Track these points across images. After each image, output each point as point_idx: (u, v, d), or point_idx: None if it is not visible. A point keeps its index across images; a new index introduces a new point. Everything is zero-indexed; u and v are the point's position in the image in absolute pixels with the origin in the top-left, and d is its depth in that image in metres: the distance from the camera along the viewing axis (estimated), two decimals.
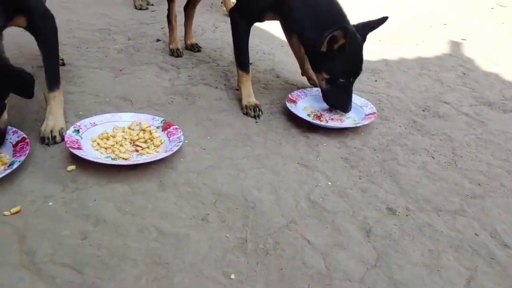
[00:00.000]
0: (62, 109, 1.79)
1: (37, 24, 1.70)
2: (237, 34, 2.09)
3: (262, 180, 1.60)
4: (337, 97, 1.99)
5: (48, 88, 1.75)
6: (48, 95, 1.75)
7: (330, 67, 1.91)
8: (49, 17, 1.74)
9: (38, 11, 1.70)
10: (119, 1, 3.72)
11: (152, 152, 1.67)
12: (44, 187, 1.46)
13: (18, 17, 1.63)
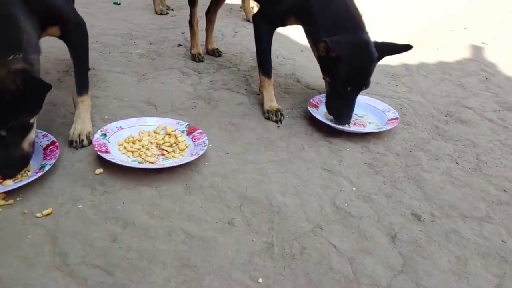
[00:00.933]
0: (89, 113, 1.83)
1: (70, 33, 1.75)
2: (260, 39, 2.11)
3: (286, 184, 1.61)
4: (337, 105, 1.94)
5: (77, 93, 1.79)
6: (76, 99, 1.79)
7: (331, 72, 1.90)
8: (81, 25, 1.79)
9: (71, 20, 1.74)
10: (140, 6, 3.80)
11: (178, 156, 1.70)
12: (74, 189, 1.49)
13: (52, 27, 1.67)
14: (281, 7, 2.00)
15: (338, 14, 1.87)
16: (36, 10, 1.54)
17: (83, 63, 1.82)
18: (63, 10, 1.71)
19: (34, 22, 1.55)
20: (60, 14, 1.69)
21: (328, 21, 1.87)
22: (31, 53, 1.49)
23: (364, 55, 1.84)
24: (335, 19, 1.86)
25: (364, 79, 1.89)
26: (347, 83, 1.86)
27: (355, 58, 1.82)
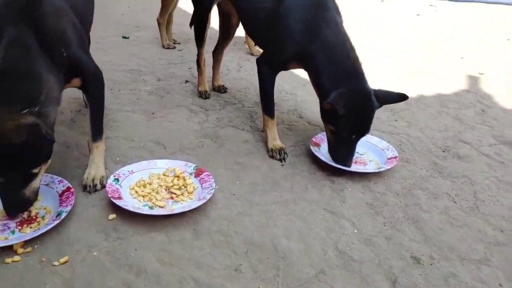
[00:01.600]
0: (103, 158, 1.91)
1: (89, 84, 1.85)
2: (263, 82, 2.21)
3: (290, 228, 1.68)
4: (339, 150, 2.02)
5: (92, 139, 1.87)
6: (91, 145, 1.88)
7: (334, 121, 1.96)
8: (99, 76, 1.89)
9: (91, 72, 1.84)
10: (148, 40, 3.93)
11: (186, 200, 1.78)
12: (88, 236, 1.57)
13: (75, 79, 1.78)
14: (284, 53, 2.11)
15: (340, 62, 1.96)
16: (60, 64, 1.66)
17: (99, 111, 1.92)
18: (86, 63, 1.81)
19: (58, 75, 1.66)
20: (83, 67, 1.79)
21: (330, 68, 1.96)
22: (48, 106, 1.58)
23: (366, 107, 1.94)
24: (337, 67, 1.95)
25: (366, 128, 2.00)
26: (350, 132, 1.96)
27: (358, 111, 1.92)
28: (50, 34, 1.64)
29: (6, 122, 1.43)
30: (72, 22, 1.76)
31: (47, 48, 1.60)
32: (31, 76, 1.55)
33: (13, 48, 1.55)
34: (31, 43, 1.57)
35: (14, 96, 1.50)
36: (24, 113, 1.48)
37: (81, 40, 1.82)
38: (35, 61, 1.57)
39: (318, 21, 1.99)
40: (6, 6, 1.61)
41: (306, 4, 2.02)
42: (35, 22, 1.59)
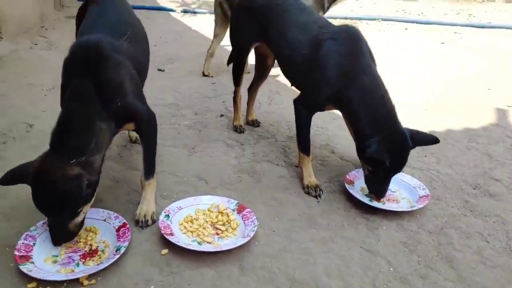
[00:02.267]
0: (154, 194, 2.07)
1: (143, 128, 2.02)
2: (300, 122, 2.34)
3: (330, 265, 1.78)
4: (376, 185, 2.16)
5: (145, 177, 2.02)
6: (144, 182, 2.03)
7: (373, 164, 2.09)
8: (152, 120, 2.05)
9: (144, 118, 2.00)
10: (182, 73, 4.15)
11: (230, 236, 1.91)
12: (144, 270, 1.71)
13: (129, 124, 1.96)
14: (320, 97, 2.25)
15: (376, 107, 2.10)
16: (116, 112, 1.83)
17: (152, 151, 2.07)
18: (140, 110, 1.96)
19: (111, 123, 1.82)
20: (137, 113, 1.95)
21: (367, 113, 2.10)
22: (96, 154, 1.73)
23: (403, 149, 2.08)
24: (374, 112, 2.10)
25: (401, 167, 2.14)
26: (387, 172, 2.10)
27: (396, 154, 2.05)
28: (109, 86, 1.81)
29: (55, 170, 1.62)
30: (130, 73, 1.94)
31: (105, 99, 1.77)
32: (85, 127, 1.72)
33: (74, 100, 1.76)
34: (90, 95, 1.74)
35: (66, 146, 1.67)
36: (72, 162, 1.64)
37: (137, 88, 1.99)
38: (91, 112, 1.74)
39: (354, 67, 2.14)
40: (75, 59, 1.83)
41: (342, 51, 2.17)
42: (97, 75, 1.77)
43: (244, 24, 2.68)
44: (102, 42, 1.84)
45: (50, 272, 1.65)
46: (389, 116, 2.09)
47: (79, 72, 1.78)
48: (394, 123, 2.09)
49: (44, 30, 5.78)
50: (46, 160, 1.66)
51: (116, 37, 1.98)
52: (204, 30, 5.94)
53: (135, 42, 2.12)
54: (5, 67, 4.17)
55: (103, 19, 2.11)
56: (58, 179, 1.60)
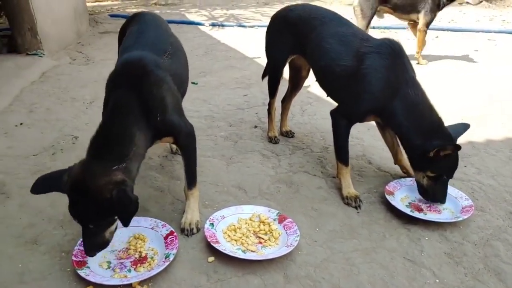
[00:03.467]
0: (197, 203, 2.13)
1: (182, 141, 2.08)
2: (339, 133, 2.37)
3: (374, 275, 1.79)
4: (437, 192, 2.19)
5: (188, 187, 2.10)
6: (187, 192, 2.11)
7: (437, 167, 2.14)
8: (191, 133, 2.10)
9: (183, 131, 2.04)
10: (214, 85, 4.25)
11: (273, 244, 1.95)
12: (192, 277, 1.77)
13: (167, 137, 2.02)
14: (363, 109, 2.27)
15: (425, 118, 2.15)
16: (155, 126, 1.87)
17: (192, 162, 2.13)
18: (178, 125, 2.01)
19: (149, 135, 1.87)
20: (175, 128, 2.00)
21: (414, 122, 2.15)
22: (134, 162, 1.78)
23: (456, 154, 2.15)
24: (421, 121, 2.15)
25: (455, 169, 2.21)
26: (448, 173, 2.20)
27: (453, 159, 2.15)
28: (150, 101, 1.86)
29: (99, 176, 1.62)
30: (170, 89, 1.99)
31: (146, 112, 1.82)
32: (125, 136, 1.76)
33: (116, 110, 1.81)
34: (132, 106, 1.80)
35: (108, 153, 1.70)
36: (114, 169, 1.66)
37: (176, 104, 2.05)
38: (132, 122, 1.79)
39: (398, 80, 2.17)
40: (119, 74, 1.91)
41: (386, 64, 2.20)
42: (140, 89, 1.83)
43: (280, 37, 2.73)
44: (145, 59, 1.92)
45: (105, 277, 1.73)
46: (438, 125, 2.15)
47: (123, 86, 1.85)
48: (443, 130, 2.14)
49: (80, 46, 6.05)
50: (87, 167, 1.66)
51: (158, 54, 2.04)
52: (233, 43, 6.08)
53: (175, 59, 2.18)
54: (48, 82, 4.39)
55: (144, 37, 2.18)
56: (104, 185, 1.59)
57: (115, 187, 1.59)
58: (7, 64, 4.57)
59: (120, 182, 1.62)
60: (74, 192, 1.63)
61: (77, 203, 1.63)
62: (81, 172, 1.64)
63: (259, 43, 4.25)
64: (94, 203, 1.60)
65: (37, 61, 4.85)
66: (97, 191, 1.59)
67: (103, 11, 8.57)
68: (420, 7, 4.82)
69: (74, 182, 1.63)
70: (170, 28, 2.52)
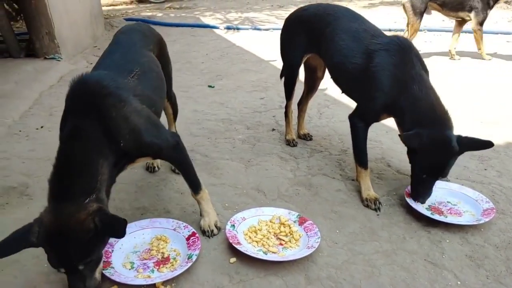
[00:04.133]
0: (210, 203, 2.14)
1: (166, 155, 1.98)
2: (357, 136, 2.38)
3: (395, 277, 1.79)
4: (418, 188, 2.19)
5: (193, 193, 2.08)
6: (195, 198, 2.10)
7: (414, 162, 2.19)
8: (175, 145, 1.95)
9: (163, 146, 1.90)
10: (231, 88, 4.29)
11: (294, 246, 1.96)
12: (215, 277, 1.79)
13: (142, 158, 1.91)
14: (375, 106, 2.28)
15: (425, 111, 2.13)
16: (121, 150, 1.72)
17: (188, 170, 2.06)
18: (153, 143, 1.85)
19: (116, 160, 1.73)
20: (150, 148, 1.86)
21: (415, 116, 2.14)
22: (103, 191, 1.65)
23: (441, 149, 2.08)
24: (422, 115, 2.12)
25: (439, 171, 2.13)
26: (423, 171, 2.14)
27: (430, 151, 2.07)
28: (111, 125, 1.69)
29: (76, 215, 1.52)
30: (136, 110, 1.81)
31: (107, 137, 1.67)
32: (88, 168, 1.61)
33: (73, 139, 1.63)
34: (91, 133, 1.64)
35: (74, 190, 1.56)
36: (86, 203, 1.55)
37: (148, 122, 1.86)
38: (92, 151, 1.63)
39: (406, 77, 2.18)
40: (77, 94, 1.71)
41: (394, 61, 2.21)
42: (98, 113, 1.67)
43: (295, 37, 2.74)
44: (103, 80, 1.76)
45: (129, 277, 1.76)
46: (435, 121, 2.10)
47: (79, 110, 1.68)
48: (440, 125, 2.10)
49: (96, 50, 6.15)
50: (59, 212, 1.53)
51: (122, 75, 1.90)
52: (248, 46, 6.13)
53: (144, 79, 2.00)
54: (66, 86, 4.43)
55: (111, 57, 2.08)
56: (85, 219, 1.51)
57: (95, 216, 1.53)
58: (26, 68, 4.68)
59: (98, 210, 1.56)
60: (56, 239, 1.52)
61: (61, 250, 1.53)
62: (55, 218, 1.53)
63: (274, 46, 4.27)
64: (81, 240, 1.52)
65: (55, 65, 4.95)
66: (80, 227, 1.51)
67: (118, 15, 8.71)
68: (468, 6, 4.97)
69: (53, 230, 1.52)
70: (150, 46, 2.32)
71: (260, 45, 6.11)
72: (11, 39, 5.02)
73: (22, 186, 2.50)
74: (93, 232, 1.52)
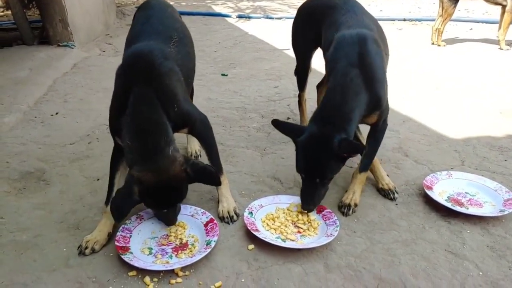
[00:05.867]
0: (229, 190, 2.15)
1: (199, 130, 2.09)
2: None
3: (416, 267, 1.77)
4: (301, 190, 2.05)
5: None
6: None
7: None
8: (205, 121, 2.11)
9: (198, 120, 2.05)
10: (245, 77, 4.26)
11: (312, 234, 1.95)
12: (233, 264, 1.79)
13: (183, 129, 2.01)
14: None
15: (323, 106, 2.01)
16: (174, 117, 1.87)
17: (214, 151, 2.14)
18: (192, 113, 2.03)
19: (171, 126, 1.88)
20: (190, 118, 2.01)
21: (316, 111, 2.04)
22: (174, 145, 1.83)
23: (314, 147, 1.95)
24: (319, 111, 2.02)
25: (313, 170, 1.98)
26: (298, 168, 2.03)
27: (304, 148, 1.98)
28: (166, 94, 1.85)
29: (172, 168, 1.77)
30: (180, 80, 1.98)
31: (164, 106, 1.82)
32: (160, 124, 1.79)
33: (141, 104, 1.79)
34: (155, 101, 1.80)
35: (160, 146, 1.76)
36: (170, 155, 1.77)
37: (185, 93, 2.04)
38: (159, 111, 1.80)
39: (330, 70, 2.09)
40: (132, 67, 1.86)
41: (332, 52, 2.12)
42: (154, 83, 1.82)
43: (305, 27, 2.69)
44: (153, 51, 1.90)
45: (148, 262, 1.76)
46: (324, 118, 1.96)
47: (137, 81, 1.81)
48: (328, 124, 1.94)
49: (109, 38, 6.15)
50: (151, 167, 1.74)
51: (164, 42, 2.02)
52: (261, 35, 6.08)
53: (181, 47, 2.13)
54: (80, 73, 4.48)
55: (150, 24, 2.14)
56: (179, 170, 1.78)
57: (187, 166, 1.79)
58: (40, 55, 4.70)
59: (185, 160, 1.81)
60: (160, 191, 1.78)
61: (163, 197, 1.81)
62: (153, 173, 1.74)
63: (287, 35, 4.23)
64: (180, 187, 1.83)
65: (68, 53, 4.96)
66: (178, 178, 1.78)
67: (129, 3, 8.67)
68: None
69: (155, 185, 1.75)
70: (176, 12, 2.48)
71: (273, 34, 6.06)
72: (25, 27, 5.03)
73: (39, 172, 2.52)
74: (187, 180, 1.81)
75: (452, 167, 2.54)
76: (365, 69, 2.01)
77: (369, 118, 2.16)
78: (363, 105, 2.02)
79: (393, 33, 5.96)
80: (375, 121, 2.19)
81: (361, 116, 2.05)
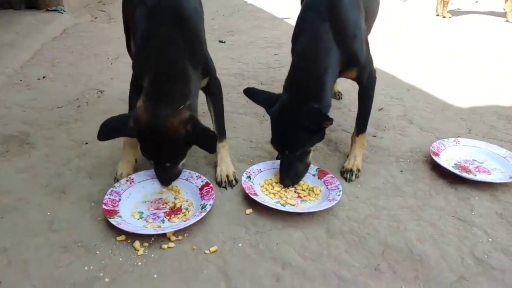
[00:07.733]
0: (229, 155, 2.05)
1: (213, 88, 2.03)
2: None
3: (422, 233, 1.68)
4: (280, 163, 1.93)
5: (218, 139, 1.96)
6: (218, 145, 1.99)
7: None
8: (219, 82, 2.08)
9: (213, 69, 2.02)
10: (243, 44, 4.09)
11: (314, 199, 1.85)
12: (230, 228, 1.69)
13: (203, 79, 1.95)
14: None
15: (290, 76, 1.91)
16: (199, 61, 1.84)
17: (221, 112, 2.08)
18: (209, 64, 1.96)
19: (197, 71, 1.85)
20: (208, 66, 1.94)
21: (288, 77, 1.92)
22: (194, 98, 1.80)
23: (284, 118, 1.81)
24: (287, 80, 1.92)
25: (283, 143, 1.85)
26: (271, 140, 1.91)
27: (275, 120, 1.86)
28: (192, 35, 1.82)
29: (170, 119, 1.68)
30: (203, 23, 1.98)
31: (189, 48, 1.78)
32: (184, 75, 1.75)
33: (168, 49, 1.75)
34: (180, 44, 1.75)
35: (173, 95, 1.71)
36: (181, 109, 1.70)
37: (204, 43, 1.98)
38: (185, 60, 1.76)
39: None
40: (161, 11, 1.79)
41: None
42: (180, 25, 1.77)
43: None
44: None
45: (138, 226, 1.65)
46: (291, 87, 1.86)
47: (167, 21, 1.76)
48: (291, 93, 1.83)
49: (101, 5, 5.91)
50: (155, 111, 1.68)
51: None
52: (260, 3, 5.86)
53: None
54: (70, 38, 4.29)
55: None
56: (178, 126, 1.67)
57: (187, 123, 1.68)
58: (27, 19, 4.48)
59: (190, 118, 1.70)
60: (150, 137, 1.70)
61: (152, 146, 1.74)
62: (151, 118, 1.68)
63: (288, 3, 4.05)
64: (172, 143, 1.71)
65: (58, 17, 4.75)
66: (173, 132, 1.68)
67: None
68: None
69: (147, 129, 1.68)
70: None
71: (273, 3, 5.84)
72: None
73: (23, 135, 2.38)
74: (183, 138, 1.70)
75: (459, 135, 2.44)
76: (337, 24, 1.81)
77: (347, 74, 2.00)
78: (336, 64, 1.86)
79: (397, 4, 5.77)
80: (355, 77, 2.02)
81: (335, 75, 1.90)
